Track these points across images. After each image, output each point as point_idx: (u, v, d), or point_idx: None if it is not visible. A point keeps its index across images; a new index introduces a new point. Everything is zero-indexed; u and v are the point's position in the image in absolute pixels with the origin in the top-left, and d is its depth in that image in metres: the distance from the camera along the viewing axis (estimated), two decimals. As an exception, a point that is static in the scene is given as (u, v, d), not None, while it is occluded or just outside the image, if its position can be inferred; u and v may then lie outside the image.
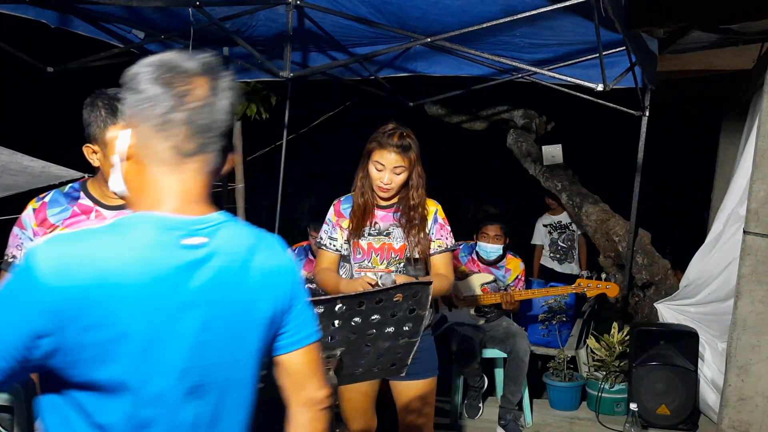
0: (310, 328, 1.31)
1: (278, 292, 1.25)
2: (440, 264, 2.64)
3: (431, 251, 2.63)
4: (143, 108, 1.13)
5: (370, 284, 2.41)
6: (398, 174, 2.55)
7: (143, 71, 1.15)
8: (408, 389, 2.60)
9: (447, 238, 2.66)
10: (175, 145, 1.13)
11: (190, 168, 1.15)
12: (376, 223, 2.62)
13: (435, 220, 2.65)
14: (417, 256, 2.58)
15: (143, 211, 1.15)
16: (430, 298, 1.77)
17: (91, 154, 1.89)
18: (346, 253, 2.64)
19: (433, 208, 2.67)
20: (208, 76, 1.17)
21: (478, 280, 4.13)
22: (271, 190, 6.29)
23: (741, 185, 3.89)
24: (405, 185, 2.59)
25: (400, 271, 2.59)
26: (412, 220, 2.59)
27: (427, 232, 2.62)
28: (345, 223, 2.65)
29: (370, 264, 2.59)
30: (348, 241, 2.62)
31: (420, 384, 2.59)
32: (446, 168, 9.27)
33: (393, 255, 2.59)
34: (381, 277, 2.52)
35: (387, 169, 2.53)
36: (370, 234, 2.60)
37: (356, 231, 2.60)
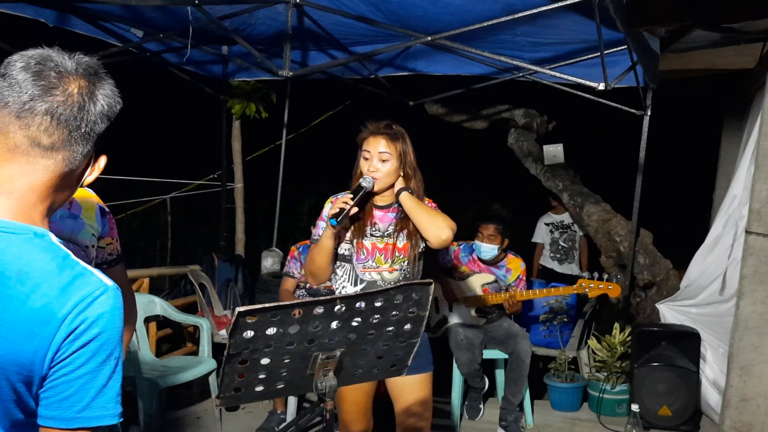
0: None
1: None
2: None
3: (423, 247, 2.64)
4: (8, 93, 1.06)
5: (346, 202, 2.40)
6: (384, 161, 2.51)
7: (18, 59, 1.10)
8: (405, 384, 2.58)
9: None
10: (31, 135, 1.05)
11: (40, 163, 1.07)
12: (375, 223, 2.60)
13: None
14: (420, 251, 2.59)
15: None
16: (430, 298, 1.76)
17: None
18: (348, 253, 2.60)
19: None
20: (86, 78, 1.11)
21: (479, 280, 4.11)
22: (271, 190, 6.28)
23: (742, 185, 3.87)
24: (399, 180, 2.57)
25: (404, 270, 2.58)
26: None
27: None
28: None
29: (374, 264, 2.57)
30: (351, 241, 2.59)
31: (417, 379, 2.57)
32: (446, 167, 9.26)
33: (397, 254, 2.58)
34: (364, 179, 2.49)
35: (373, 156, 2.50)
36: (372, 234, 2.58)
37: (359, 231, 2.58)
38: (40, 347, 1.01)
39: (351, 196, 2.44)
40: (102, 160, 1.17)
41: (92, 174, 1.16)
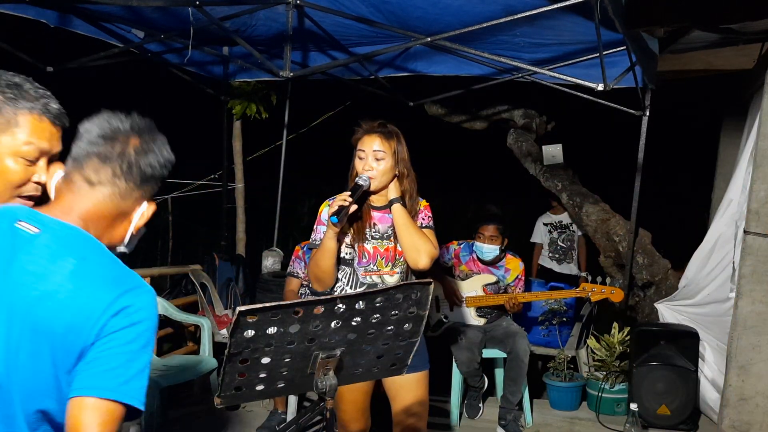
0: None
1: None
2: None
3: None
4: (74, 149, 1.31)
5: (345, 200, 2.41)
6: (379, 159, 2.51)
7: (86, 121, 1.33)
8: (403, 383, 2.58)
9: (423, 219, 2.64)
10: (84, 175, 1.29)
11: (91, 194, 1.29)
12: (375, 224, 2.60)
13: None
14: None
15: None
16: (430, 298, 1.77)
17: None
18: (349, 257, 2.58)
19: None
20: (136, 133, 1.32)
21: (480, 281, 4.13)
22: (271, 189, 6.29)
23: (741, 185, 3.88)
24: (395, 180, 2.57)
25: (404, 272, 2.59)
26: (410, 213, 2.59)
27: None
28: None
29: (375, 267, 2.58)
30: (352, 245, 2.58)
31: (414, 377, 2.57)
32: (446, 168, 9.27)
33: (397, 257, 2.59)
34: (360, 177, 2.51)
35: (368, 155, 2.51)
36: (373, 237, 2.58)
37: (360, 234, 2.57)
38: (91, 318, 1.16)
39: (349, 193, 2.45)
40: (150, 207, 1.37)
41: (143, 218, 1.36)
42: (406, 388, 2.59)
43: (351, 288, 2.58)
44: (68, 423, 1.14)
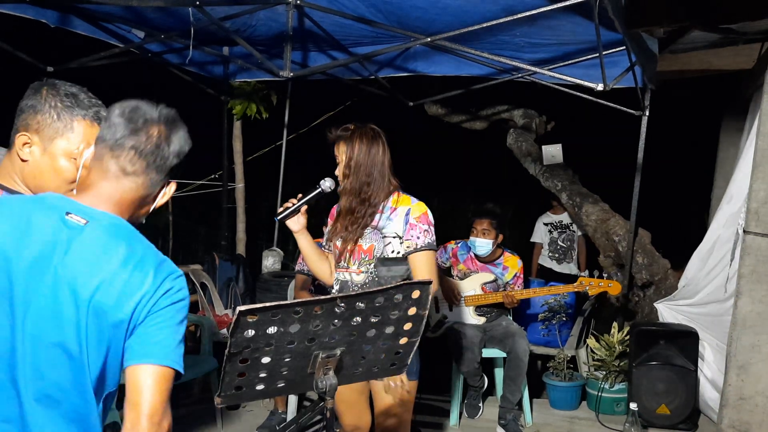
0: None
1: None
2: (413, 265, 2.51)
3: (401, 252, 2.51)
4: (106, 132, 1.42)
5: (293, 202, 2.54)
6: (338, 163, 2.57)
7: (117, 106, 1.44)
8: (382, 385, 2.56)
9: (418, 238, 2.48)
10: (120, 164, 1.41)
11: (125, 184, 1.42)
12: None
13: (406, 221, 2.50)
14: (389, 255, 2.50)
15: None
16: (430, 297, 1.77)
17: (24, 145, 1.65)
18: (330, 253, 2.68)
19: (405, 207, 2.53)
20: (165, 125, 1.44)
21: (478, 279, 4.13)
22: (271, 190, 6.30)
23: (741, 185, 3.88)
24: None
25: (370, 273, 2.53)
26: (354, 212, 2.53)
27: (381, 228, 2.51)
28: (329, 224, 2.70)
29: (345, 264, 2.57)
30: (330, 240, 2.64)
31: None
32: (446, 167, 9.27)
33: (362, 255, 2.54)
34: (324, 182, 2.57)
35: (339, 161, 2.56)
36: (342, 236, 2.59)
37: (332, 232, 2.62)
38: (143, 300, 1.34)
39: (300, 195, 2.56)
40: (172, 187, 1.50)
41: (164, 197, 1.50)
42: (391, 394, 2.55)
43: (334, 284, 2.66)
44: (130, 387, 1.34)
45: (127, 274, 1.34)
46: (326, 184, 2.58)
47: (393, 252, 2.50)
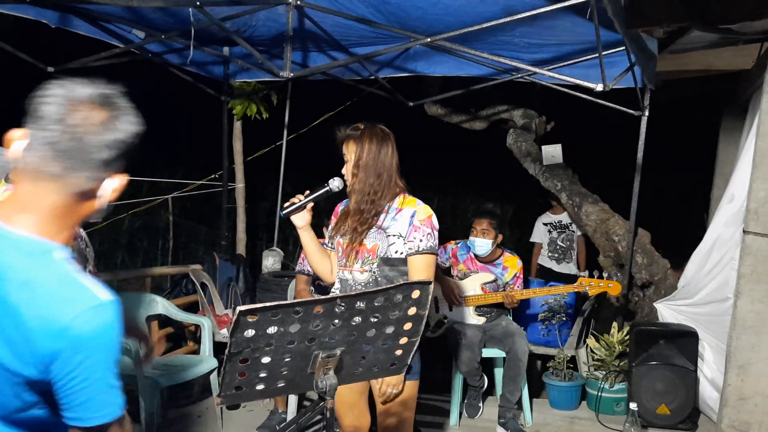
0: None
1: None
2: (411, 267, 2.50)
3: (403, 254, 2.51)
4: (32, 128, 1.18)
5: (300, 198, 2.55)
6: (346, 162, 2.57)
7: (45, 95, 1.19)
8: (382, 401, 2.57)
9: (420, 241, 2.48)
10: (36, 164, 1.17)
11: (49, 187, 1.19)
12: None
13: (410, 223, 2.50)
14: (392, 256, 2.50)
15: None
16: (430, 297, 1.77)
17: None
18: (332, 251, 2.68)
19: (411, 209, 2.53)
20: (100, 105, 1.20)
21: (479, 279, 4.14)
22: (272, 189, 6.30)
23: (740, 185, 3.89)
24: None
25: (374, 272, 2.52)
26: (364, 212, 2.53)
27: (385, 228, 2.51)
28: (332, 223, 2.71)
29: (348, 263, 2.57)
30: (332, 239, 2.65)
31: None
32: (446, 168, 9.28)
33: (366, 255, 2.54)
34: (332, 180, 2.58)
35: (347, 160, 2.56)
36: (346, 233, 2.60)
37: (336, 229, 2.62)
38: (41, 354, 1.13)
39: (308, 192, 2.56)
40: (117, 180, 1.27)
41: (114, 192, 1.27)
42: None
43: (336, 283, 2.65)
44: None
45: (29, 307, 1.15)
46: (335, 183, 2.57)
47: (396, 252, 2.50)
